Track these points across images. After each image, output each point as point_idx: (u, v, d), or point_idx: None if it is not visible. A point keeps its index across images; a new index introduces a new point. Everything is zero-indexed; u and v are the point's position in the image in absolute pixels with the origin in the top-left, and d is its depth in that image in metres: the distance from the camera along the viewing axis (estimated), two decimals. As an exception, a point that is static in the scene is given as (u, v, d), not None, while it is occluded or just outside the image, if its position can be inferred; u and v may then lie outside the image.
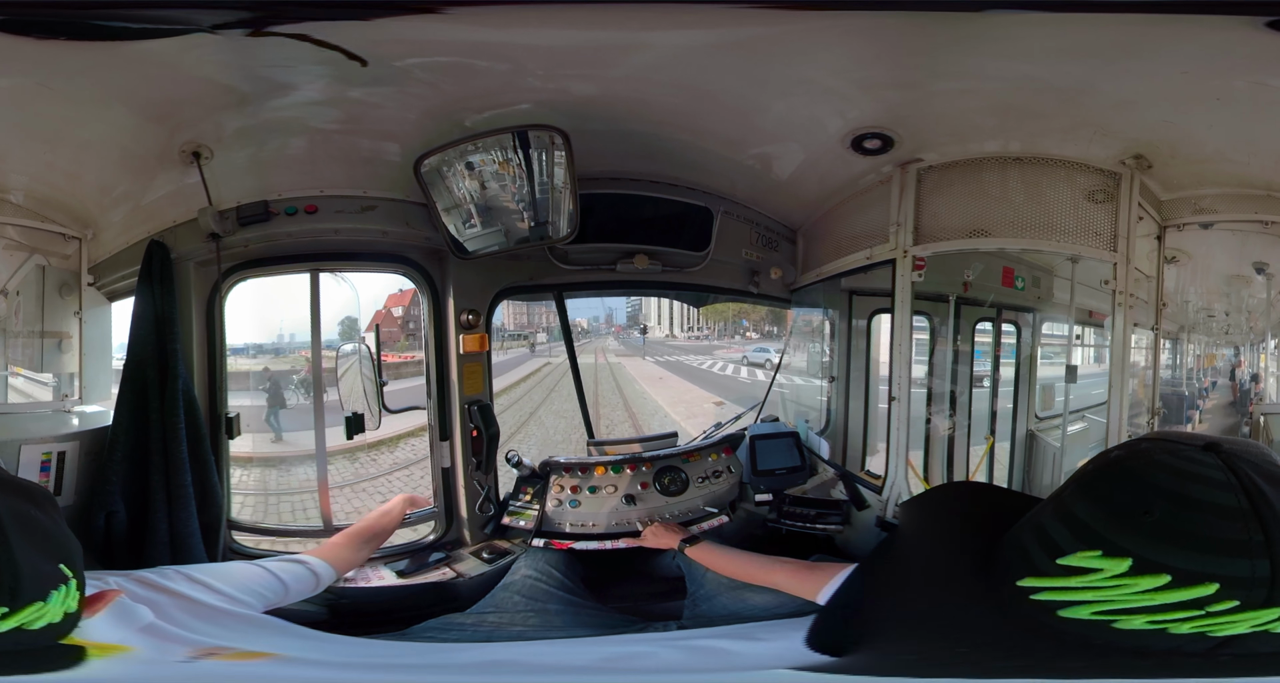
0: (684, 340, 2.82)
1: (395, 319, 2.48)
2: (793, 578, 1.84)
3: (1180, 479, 1.15)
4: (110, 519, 2.03)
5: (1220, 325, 2.30)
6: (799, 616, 1.71)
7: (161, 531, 2.06)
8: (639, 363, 2.75)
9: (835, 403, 2.58)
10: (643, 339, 2.77)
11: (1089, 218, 2.11)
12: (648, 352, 2.76)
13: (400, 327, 2.48)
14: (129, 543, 2.06)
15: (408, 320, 2.49)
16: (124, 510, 2.05)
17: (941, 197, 2.17)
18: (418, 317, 2.46)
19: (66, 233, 2.20)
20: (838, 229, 2.40)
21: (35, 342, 2.22)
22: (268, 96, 1.95)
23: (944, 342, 2.31)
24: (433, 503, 2.44)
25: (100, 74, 1.78)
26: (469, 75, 1.91)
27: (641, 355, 2.76)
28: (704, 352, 2.81)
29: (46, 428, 2.13)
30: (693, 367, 2.80)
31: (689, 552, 2.13)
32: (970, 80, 1.88)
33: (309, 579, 1.85)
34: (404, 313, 2.49)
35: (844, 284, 2.45)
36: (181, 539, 2.08)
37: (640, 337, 2.76)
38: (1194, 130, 1.99)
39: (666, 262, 2.46)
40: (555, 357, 2.63)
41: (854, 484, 2.42)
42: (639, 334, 2.76)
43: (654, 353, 2.77)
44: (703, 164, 2.33)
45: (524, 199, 2.22)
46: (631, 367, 2.74)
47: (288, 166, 2.20)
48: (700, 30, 1.74)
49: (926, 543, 1.66)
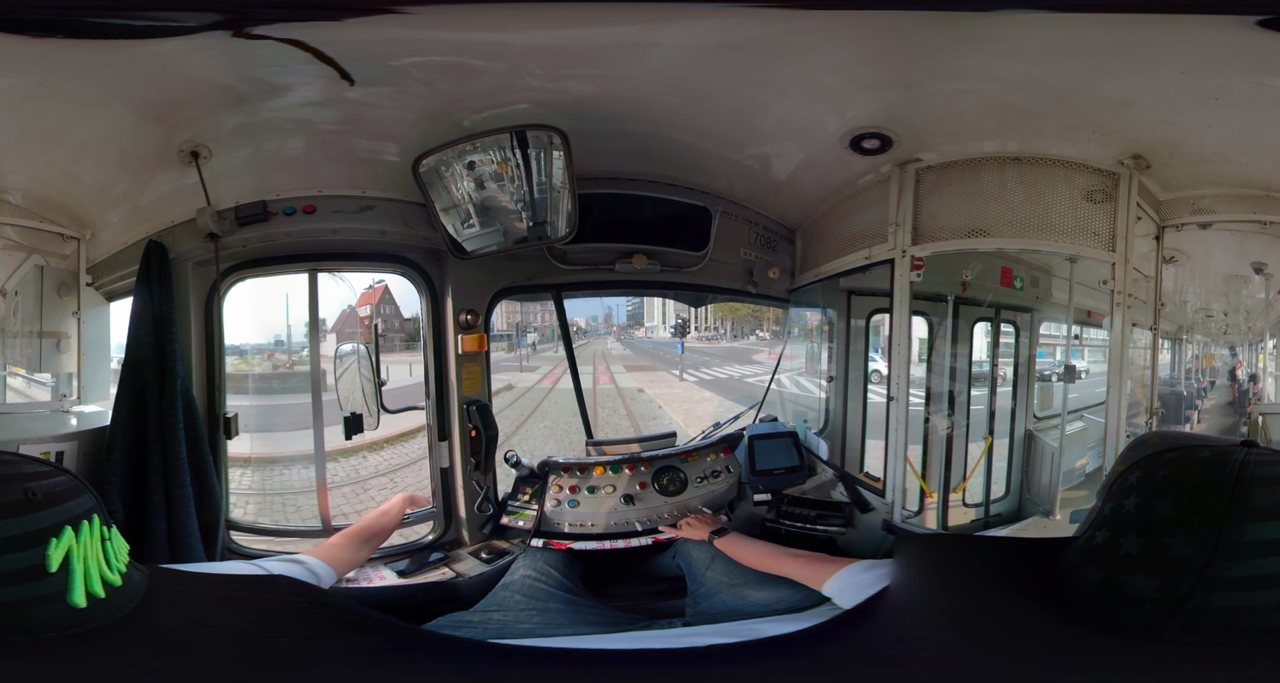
0: (697, 341, 2.75)
1: (362, 319, 2.45)
2: (803, 568, 1.86)
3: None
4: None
5: (1219, 325, 2.30)
6: (797, 611, 1.71)
7: (160, 531, 2.06)
8: (669, 382, 2.64)
9: (834, 403, 2.58)
10: (681, 346, 2.66)
11: (1087, 218, 2.11)
12: (686, 365, 2.65)
13: (366, 326, 2.45)
14: (128, 543, 2.05)
15: (375, 319, 2.46)
16: (123, 511, 2.04)
17: (940, 196, 2.17)
18: (389, 314, 2.45)
19: (65, 233, 2.20)
20: (836, 229, 2.40)
21: (34, 342, 2.22)
22: (266, 97, 1.95)
23: (942, 342, 2.31)
24: (432, 503, 2.43)
25: (99, 74, 1.78)
26: (467, 75, 1.91)
27: (678, 372, 2.64)
28: (741, 359, 2.72)
29: (45, 428, 2.13)
30: (753, 385, 2.61)
31: (717, 543, 2.15)
32: (968, 80, 1.88)
33: (308, 579, 1.84)
34: (371, 312, 2.47)
35: (843, 284, 2.45)
36: (180, 539, 2.08)
37: (678, 343, 2.61)
38: (1192, 130, 1.99)
39: (665, 261, 2.46)
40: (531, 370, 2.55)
41: (855, 486, 2.42)
42: (671, 335, 2.61)
43: (693, 366, 2.65)
44: (701, 164, 2.33)
45: (522, 199, 2.22)
46: (661, 387, 2.62)
47: (286, 167, 2.20)
48: (699, 30, 1.74)
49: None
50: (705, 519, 2.31)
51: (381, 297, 2.46)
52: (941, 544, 1.89)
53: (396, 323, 2.51)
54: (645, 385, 2.74)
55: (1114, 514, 1.25)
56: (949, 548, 1.71)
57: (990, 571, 1.41)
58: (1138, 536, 1.20)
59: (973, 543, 2.02)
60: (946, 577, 1.46)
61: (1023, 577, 1.34)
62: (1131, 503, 1.22)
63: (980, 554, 1.59)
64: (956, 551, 1.66)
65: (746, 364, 2.74)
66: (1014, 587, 1.33)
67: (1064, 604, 1.27)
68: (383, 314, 2.47)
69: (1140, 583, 1.18)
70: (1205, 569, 1.14)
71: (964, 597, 1.36)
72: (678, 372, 2.76)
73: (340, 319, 2.43)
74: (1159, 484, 1.21)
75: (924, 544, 1.75)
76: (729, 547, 2.13)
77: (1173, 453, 1.23)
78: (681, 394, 2.72)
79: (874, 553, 2.18)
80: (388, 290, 2.41)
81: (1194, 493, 1.16)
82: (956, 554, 1.60)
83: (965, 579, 1.42)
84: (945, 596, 1.39)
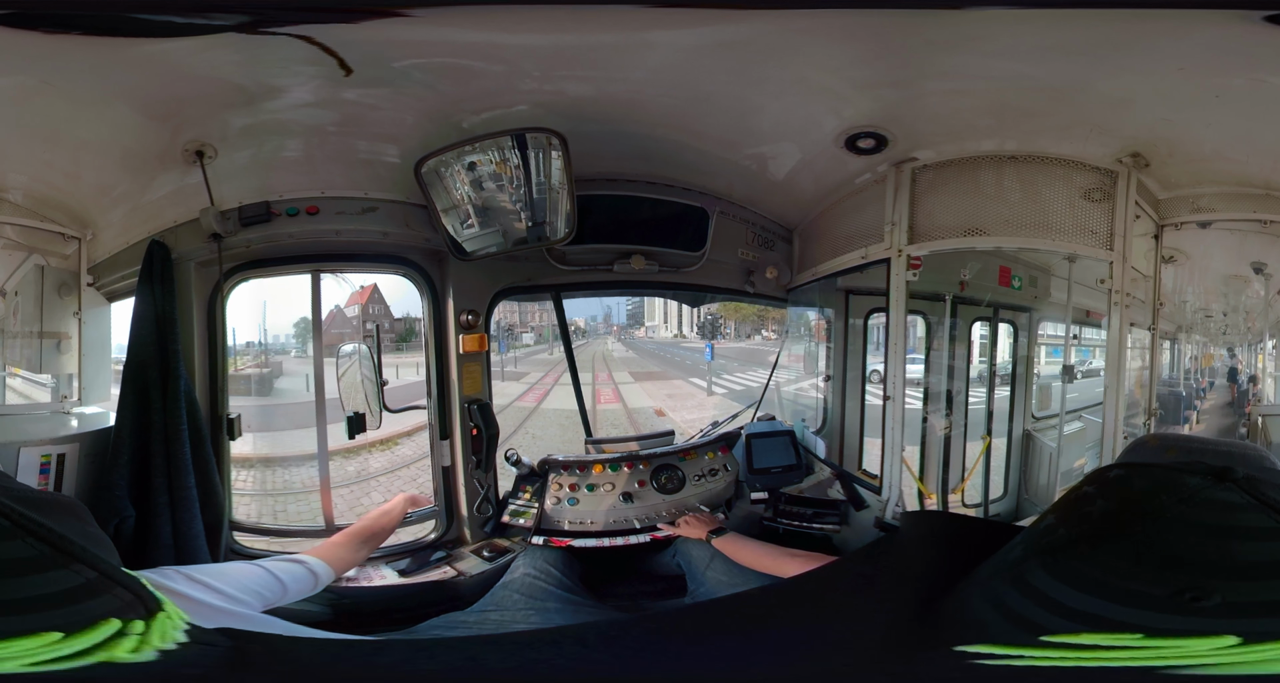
0: (695, 339, 2.73)
1: (348, 319, 2.46)
2: (802, 568, 1.87)
3: (1216, 536, 0.92)
4: (123, 524, 2.02)
5: (1218, 326, 2.28)
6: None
7: (165, 533, 2.06)
8: (695, 396, 2.57)
9: (831, 401, 2.58)
10: (710, 350, 2.61)
11: (1086, 216, 2.10)
12: (715, 373, 2.57)
13: (355, 327, 2.45)
14: (135, 545, 2.05)
15: (364, 319, 2.46)
16: (133, 514, 2.04)
17: (937, 196, 2.17)
18: (377, 314, 2.45)
19: (66, 233, 2.22)
20: (833, 229, 2.40)
21: (34, 342, 2.23)
22: (270, 97, 1.96)
23: (940, 341, 2.31)
24: (433, 502, 2.45)
25: (103, 72, 1.78)
26: (466, 77, 1.91)
27: (705, 383, 2.57)
28: (756, 361, 2.68)
29: (45, 430, 2.12)
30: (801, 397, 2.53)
31: (715, 543, 2.16)
32: (964, 79, 1.88)
33: (307, 579, 1.85)
34: (360, 312, 2.47)
35: (840, 283, 2.45)
36: (185, 541, 2.09)
37: (707, 347, 2.54)
38: (1192, 128, 1.98)
39: (663, 262, 2.47)
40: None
41: (852, 484, 2.42)
42: (695, 336, 2.55)
43: (719, 373, 2.60)
44: (699, 165, 2.33)
45: (522, 200, 2.23)
46: (688, 406, 2.55)
47: (289, 167, 2.21)
48: (694, 30, 1.74)
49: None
50: (703, 519, 2.31)
51: (370, 296, 2.47)
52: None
53: (387, 323, 2.52)
54: (664, 404, 2.71)
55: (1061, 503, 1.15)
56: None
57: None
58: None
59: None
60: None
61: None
62: (1046, 522, 1.13)
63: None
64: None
65: (756, 364, 2.71)
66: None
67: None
68: (372, 314, 2.48)
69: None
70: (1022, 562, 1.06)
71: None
72: (704, 383, 2.73)
73: (329, 319, 2.44)
74: (1079, 508, 1.09)
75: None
76: (726, 547, 2.13)
77: (1120, 472, 1.10)
78: (719, 416, 2.69)
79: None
80: (377, 290, 2.41)
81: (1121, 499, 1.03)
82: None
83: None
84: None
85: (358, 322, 2.47)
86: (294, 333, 2.44)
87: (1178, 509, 0.94)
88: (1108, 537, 0.99)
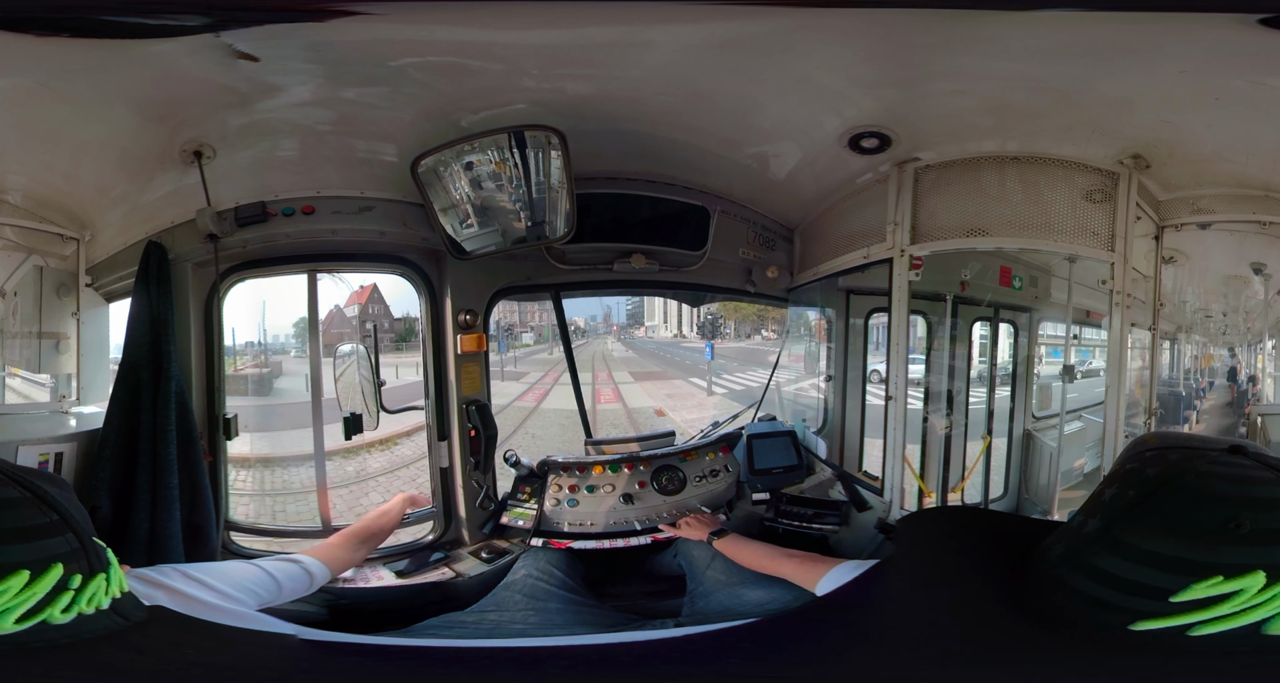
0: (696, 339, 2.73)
1: (347, 319, 2.45)
2: (798, 569, 1.87)
3: (1240, 485, 1.18)
4: (94, 514, 1.98)
5: (1218, 326, 2.29)
6: (791, 611, 1.72)
7: (142, 530, 2.05)
8: (695, 396, 2.55)
9: (832, 401, 2.58)
10: (710, 350, 2.60)
11: (1087, 217, 2.11)
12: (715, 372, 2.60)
13: (357, 326, 2.44)
14: (109, 540, 2.04)
15: (364, 319, 2.45)
16: (109, 507, 2.03)
17: (939, 196, 2.17)
18: (377, 314, 2.44)
19: (64, 233, 2.20)
20: (835, 228, 2.40)
21: (33, 342, 2.22)
22: (265, 97, 1.95)
23: (940, 341, 2.31)
24: (431, 503, 2.44)
25: (101, 74, 1.78)
26: (464, 75, 1.91)
27: (705, 383, 2.57)
28: (757, 361, 2.69)
29: (44, 429, 2.13)
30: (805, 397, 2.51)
31: (715, 544, 2.15)
32: (967, 79, 1.88)
33: (303, 579, 1.85)
34: (360, 311, 2.46)
35: (841, 283, 2.45)
36: (160, 540, 2.07)
37: (707, 346, 2.54)
38: (1192, 130, 1.99)
39: (663, 261, 2.46)
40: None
41: (853, 484, 2.42)
42: (695, 336, 2.54)
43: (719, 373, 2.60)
44: (699, 163, 2.32)
45: (521, 199, 2.22)
46: (688, 406, 2.54)
47: (285, 167, 2.20)
48: (696, 28, 1.74)
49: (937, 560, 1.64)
50: (704, 520, 2.31)
51: (370, 296, 2.46)
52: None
53: (386, 323, 2.51)
54: (664, 403, 2.70)
55: (1092, 502, 1.33)
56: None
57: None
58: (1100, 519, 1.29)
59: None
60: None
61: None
62: (1109, 493, 1.30)
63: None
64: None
65: (756, 365, 2.72)
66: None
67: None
68: (372, 314, 2.47)
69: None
70: (1081, 551, 1.27)
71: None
72: (704, 383, 2.73)
73: (328, 319, 2.43)
74: (1133, 478, 1.28)
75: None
76: (727, 548, 2.13)
77: (1137, 463, 1.29)
78: (719, 416, 2.69)
79: (862, 552, 2.19)
80: (376, 290, 2.40)
81: (1147, 487, 1.24)
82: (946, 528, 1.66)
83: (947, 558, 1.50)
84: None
85: (356, 322, 2.46)
86: (293, 333, 2.43)
87: (1207, 469, 1.20)
88: (1168, 492, 1.21)
